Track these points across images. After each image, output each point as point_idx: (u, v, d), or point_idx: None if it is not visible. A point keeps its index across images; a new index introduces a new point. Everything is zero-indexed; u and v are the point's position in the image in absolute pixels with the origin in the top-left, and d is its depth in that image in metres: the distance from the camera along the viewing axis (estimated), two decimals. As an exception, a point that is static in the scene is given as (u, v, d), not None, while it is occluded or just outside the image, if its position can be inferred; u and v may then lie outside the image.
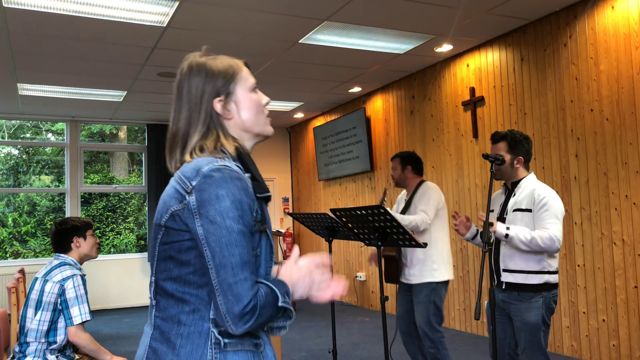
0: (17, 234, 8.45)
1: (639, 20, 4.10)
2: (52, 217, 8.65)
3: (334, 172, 8.15)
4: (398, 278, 3.86)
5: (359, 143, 7.52)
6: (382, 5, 4.42)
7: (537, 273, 2.92)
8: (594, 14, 4.43)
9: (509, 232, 2.85)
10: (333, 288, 1.32)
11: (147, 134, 8.73)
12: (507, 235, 2.86)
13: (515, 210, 3.01)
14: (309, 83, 6.84)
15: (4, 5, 4.18)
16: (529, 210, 2.95)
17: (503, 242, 2.99)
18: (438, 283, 3.70)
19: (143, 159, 9.00)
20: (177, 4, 4.25)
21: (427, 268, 3.70)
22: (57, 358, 2.83)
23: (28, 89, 6.64)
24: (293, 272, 1.30)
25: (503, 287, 3.02)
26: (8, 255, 8.30)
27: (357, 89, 7.25)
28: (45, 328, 2.80)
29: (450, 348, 4.78)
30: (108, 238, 8.91)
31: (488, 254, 3.11)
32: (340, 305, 7.83)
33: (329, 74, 6.46)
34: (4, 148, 8.58)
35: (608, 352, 4.32)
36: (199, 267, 1.23)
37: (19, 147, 8.72)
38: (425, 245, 3.25)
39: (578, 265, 4.57)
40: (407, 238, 3.07)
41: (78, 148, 8.41)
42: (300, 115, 8.85)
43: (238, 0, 4.23)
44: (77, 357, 2.95)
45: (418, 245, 3.10)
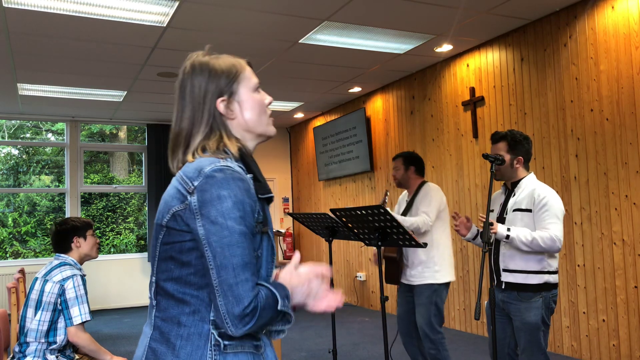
0: (17, 234, 8.45)
1: (639, 20, 4.10)
2: (52, 217, 8.65)
3: (334, 172, 8.15)
4: (399, 279, 3.85)
5: (359, 143, 7.52)
6: (382, 5, 4.42)
7: (537, 273, 2.92)
8: (594, 14, 4.43)
9: (510, 233, 2.85)
10: (329, 299, 1.33)
11: (147, 134, 8.73)
12: (508, 237, 2.86)
13: (515, 210, 3.01)
14: (309, 83, 6.84)
15: (4, 5, 4.18)
16: (529, 210, 2.95)
17: (504, 243, 2.99)
18: (440, 284, 3.69)
19: (143, 159, 9.00)
20: (177, 4, 4.25)
21: (428, 269, 3.69)
22: (57, 358, 2.83)
23: (28, 89, 6.64)
24: (293, 277, 1.30)
25: (503, 286, 3.02)
26: (8, 255, 8.30)
27: (357, 89, 7.26)
28: (45, 328, 2.80)
29: (450, 348, 4.78)
30: (108, 238, 8.91)
31: (488, 254, 3.11)
32: (341, 305, 7.82)
33: (329, 74, 6.46)
34: (4, 148, 8.58)
35: (608, 352, 4.32)
36: (200, 268, 1.22)
37: (19, 147, 8.72)
38: (425, 245, 3.25)
39: (578, 265, 4.57)
40: (407, 238, 3.07)
41: (78, 148, 8.41)
42: (300, 115, 8.85)
43: (238, 0, 4.23)
44: (77, 357, 2.95)
45: (418, 245, 3.10)
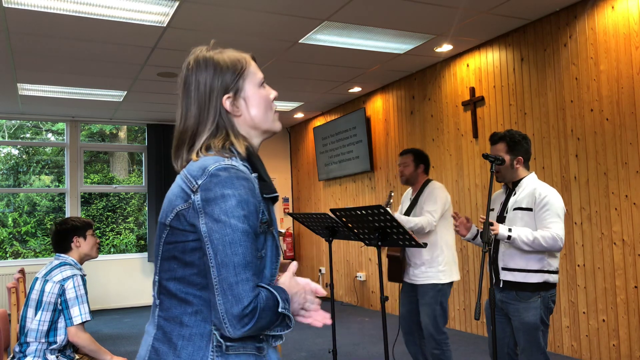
0: (17, 234, 8.46)
1: (639, 20, 4.10)
2: (52, 217, 8.65)
3: (334, 172, 8.15)
4: (401, 277, 3.84)
5: (359, 143, 7.52)
6: (382, 5, 4.42)
7: (537, 272, 2.92)
8: (594, 14, 4.43)
9: (512, 234, 2.84)
10: (317, 315, 1.34)
11: (147, 134, 8.73)
12: (509, 237, 2.85)
13: (516, 209, 3.00)
14: (309, 83, 6.83)
15: (4, 5, 4.18)
16: (530, 209, 2.95)
17: (505, 243, 2.99)
18: (444, 284, 3.68)
19: (143, 159, 9.00)
20: (177, 4, 4.25)
21: (432, 269, 3.67)
22: (57, 358, 2.83)
23: (28, 89, 6.64)
24: (292, 284, 1.29)
25: (501, 285, 3.02)
26: (8, 255, 8.30)
27: (357, 89, 7.25)
28: (46, 328, 2.80)
29: (451, 348, 4.78)
30: (108, 238, 8.91)
31: (488, 254, 3.11)
32: (341, 305, 7.83)
33: (329, 74, 6.46)
34: (4, 148, 8.58)
35: (608, 352, 4.32)
36: (203, 268, 1.21)
37: (19, 147, 8.72)
38: (425, 245, 3.24)
39: (578, 265, 4.57)
40: (407, 238, 3.07)
41: (78, 148, 8.41)
42: (300, 115, 8.85)
43: (238, 0, 4.23)
44: (77, 357, 2.95)
45: (418, 246, 3.10)
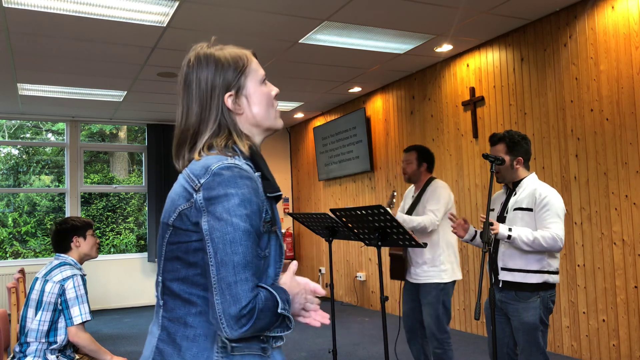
0: (17, 234, 8.46)
1: (639, 20, 4.10)
2: (52, 217, 8.65)
3: (334, 172, 8.15)
4: (404, 275, 3.84)
5: (359, 143, 7.52)
6: (382, 5, 4.42)
7: (536, 272, 2.92)
8: (594, 14, 4.43)
9: (512, 233, 2.85)
10: (316, 315, 1.33)
11: (147, 134, 8.73)
12: (509, 237, 2.85)
13: (516, 209, 3.00)
14: (309, 83, 6.84)
15: (4, 5, 4.18)
16: (530, 210, 2.95)
17: (505, 243, 2.99)
18: (447, 283, 3.68)
19: (143, 159, 9.00)
20: (177, 4, 4.25)
21: (435, 268, 3.67)
22: (57, 358, 2.83)
23: (28, 89, 6.64)
24: (293, 284, 1.28)
25: (500, 285, 3.02)
26: (8, 255, 8.30)
27: (357, 89, 7.25)
28: (46, 328, 2.80)
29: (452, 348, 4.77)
30: (108, 238, 8.91)
31: (488, 254, 3.11)
32: (341, 305, 7.83)
33: (329, 74, 6.46)
34: (4, 148, 8.58)
35: (608, 352, 4.32)
36: (207, 268, 1.19)
37: (19, 147, 8.72)
38: (425, 245, 3.25)
39: (578, 265, 4.57)
40: (407, 238, 3.07)
41: (78, 148, 8.41)
42: (300, 115, 8.85)
43: (238, 0, 4.23)
44: (77, 357, 2.95)
45: (418, 245, 3.10)
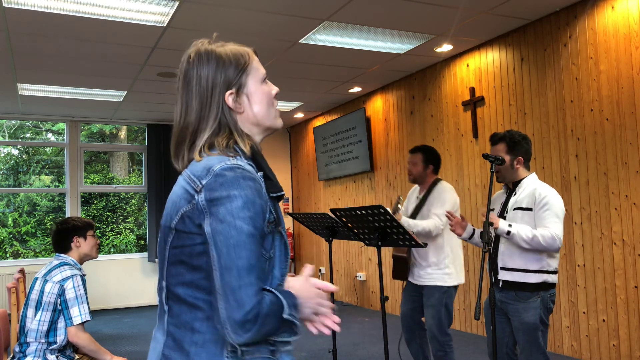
0: (17, 234, 8.46)
1: (639, 20, 4.10)
2: (52, 217, 8.65)
3: (334, 172, 8.15)
4: (406, 276, 3.84)
5: (359, 143, 7.52)
6: (382, 5, 4.42)
7: (535, 272, 2.92)
8: (594, 14, 4.43)
9: (511, 229, 2.85)
10: (328, 320, 1.28)
11: (147, 134, 8.73)
12: (509, 232, 2.86)
13: (516, 209, 3.01)
14: (309, 83, 6.83)
15: (4, 5, 4.18)
16: (530, 209, 2.95)
17: (503, 238, 2.99)
18: (450, 287, 3.67)
19: (143, 159, 9.00)
20: (177, 4, 4.25)
21: (440, 271, 3.66)
22: (57, 358, 2.83)
23: (28, 89, 6.64)
24: (305, 287, 1.25)
25: (500, 285, 3.02)
26: (8, 255, 8.30)
27: (357, 89, 7.25)
28: (45, 328, 2.80)
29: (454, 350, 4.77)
30: (108, 238, 8.91)
31: (487, 254, 3.11)
32: (341, 305, 7.83)
33: (329, 74, 6.46)
34: (4, 148, 8.58)
35: (608, 352, 4.32)
36: (212, 272, 1.17)
37: (19, 147, 8.72)
38: (426, 245, 3.25)
39: (578, 265, 4.57)
40: (407, 238, 3.07)
41: (78, 148, 8.41)
42: (300, 115, 8.85)
43: (238, 0, 4.23)
44: (77, 357, 2.95)
45: (418, 246, 3.10)
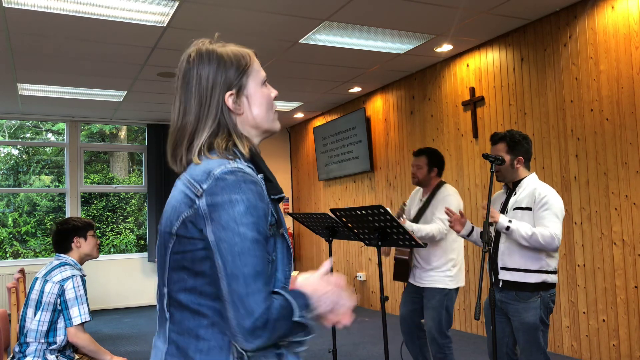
0: (17, 234, 8.46)
1: (639, 20, 4.10)
2: (52, 217, 8.65)
3: (334, 172, 8.15)
4: (407, 277, 3.84)
5: (359, 143, 7.52)
6: (382, 5, 4.42)
7: (535, 272, 2.92)
8: (594, 14, 4.43)
9: (511, 225, 2.86)
10: (345, 316, 1.25)
11: (147, 134, 8.73)
12: (508, 228, 2.86)
13: (516, 209, 3.01)
14: (309, 83, 6.83)
15: (4, 5, 4.18)
16: (529, 209, 2.95)
17: (503, 237, 2.99)
18: (451, 290, 3.67)
19: (143, 159, 9.00)
20: (177, 4, 4.25)
21: (441, 273, 3.67)
22: (57, 358, 2.83)
23: (28, 89, 6.64)
24: (321, 285, 1.22)
25: (500, 285, 3.02)
26: (8, 255, 8.30)
27: (357, 89, 7.25)
28: (45, 328, 2.80)
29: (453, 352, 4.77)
30: (108, 238, 8.91)
31: (487, 254, 3.11)
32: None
33: (329, 74, 6.46)
34: (4, 148, 8.58)
35: (608, 352, 4.32)
36: (215, 277, 1.15)
37: (19, 147, 8.72)
38: (425, 246, 3.25)
39: (578, 265, 4.57)
40: (407, 238, 3.07)
41: (78, 148, 8.41)
42: (300, 115, 8.84)
43: (238, 0, 4.23)
44: (77, 357, 2.95)
45: (418, 245, 3.11)
